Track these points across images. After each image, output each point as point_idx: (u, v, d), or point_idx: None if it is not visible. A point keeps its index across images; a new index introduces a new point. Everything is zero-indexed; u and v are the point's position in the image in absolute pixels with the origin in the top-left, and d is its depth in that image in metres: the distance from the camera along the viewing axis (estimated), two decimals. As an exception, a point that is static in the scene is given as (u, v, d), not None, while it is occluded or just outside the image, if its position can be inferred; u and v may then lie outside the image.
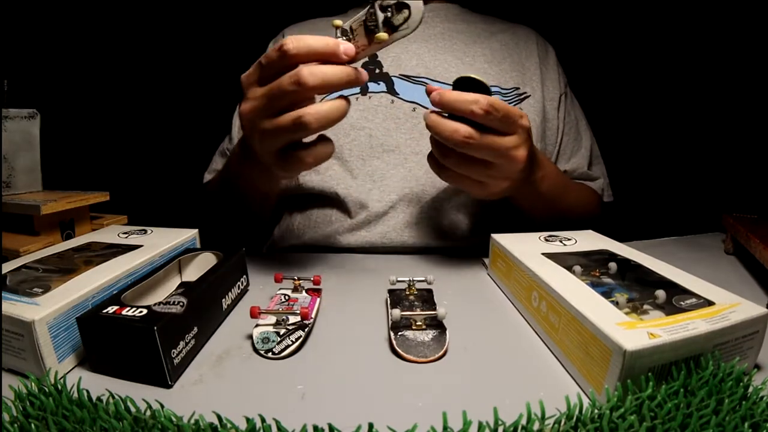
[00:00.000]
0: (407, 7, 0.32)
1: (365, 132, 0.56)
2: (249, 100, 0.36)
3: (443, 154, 0.39)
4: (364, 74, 0.35)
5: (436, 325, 0.32)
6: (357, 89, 0.57)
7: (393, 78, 0.58)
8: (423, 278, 0.38)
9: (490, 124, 0.36)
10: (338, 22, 0.34)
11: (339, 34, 0.34)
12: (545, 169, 0.48)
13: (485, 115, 0.35)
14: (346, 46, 0.33)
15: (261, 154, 0.37)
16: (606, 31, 1.01)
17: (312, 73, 0.32)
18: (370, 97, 0.57)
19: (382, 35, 0.32)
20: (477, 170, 0.39)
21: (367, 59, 0.59)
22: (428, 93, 0.37)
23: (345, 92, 0.56)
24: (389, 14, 0.32)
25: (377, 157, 0.56)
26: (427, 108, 0.56)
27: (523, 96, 0.58)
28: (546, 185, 0.48)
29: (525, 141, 0.38)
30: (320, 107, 0.33)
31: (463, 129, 0.35)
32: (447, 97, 0.36)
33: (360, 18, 0.33)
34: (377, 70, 0.58)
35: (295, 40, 0.32)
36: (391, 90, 0.57)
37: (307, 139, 0.37)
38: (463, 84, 0.37)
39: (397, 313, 0.31)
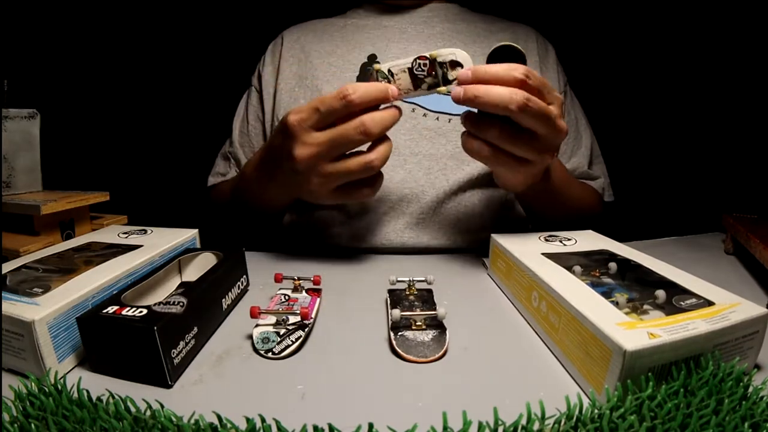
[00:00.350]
0: (460, 65, 0.37)
1: None
2: (307, 146, 0.38)
3: (486, 128, 0.36)
4: (393, 92, 0.38)
5: (436, 325, 0.32)
6: None
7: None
8: (423, 278, 0.38)
9: (529, 92, 0.34)
10: (378, 66, 0.39)
11: (378, 77, 0.39)
12: (556, 165, 0.48)
13: (525, 80, 0.33)
14: (392, 90, 0.38)
15: (318, 192, 0.41)
16: (606, 30, 1.01)
17: (374, 121, 0.36)
18: None
19: (442, 89, 0.38)
20: (523, 144, 0.36)
21: (366, 60, 0.59)
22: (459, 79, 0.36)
23: None
24: (445, 70, 0.37)
25: None
26: (425, 108, 0.56)
27: None
28: (556, 177, 0.48)
29: (561, 113, 0.37)
30: (384, 151, 0.38)
31: (520, 91, 0.33)
32: (481, 70, 0.34)
33: (404, 65, 0.38)
34: None
35: (355, 89, 0.36)
36: None
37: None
38: (498, 55, 0.37)
39: (397, 313, 0.31)
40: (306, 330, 0.31)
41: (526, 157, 0.37)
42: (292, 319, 0.33)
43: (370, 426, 0.19)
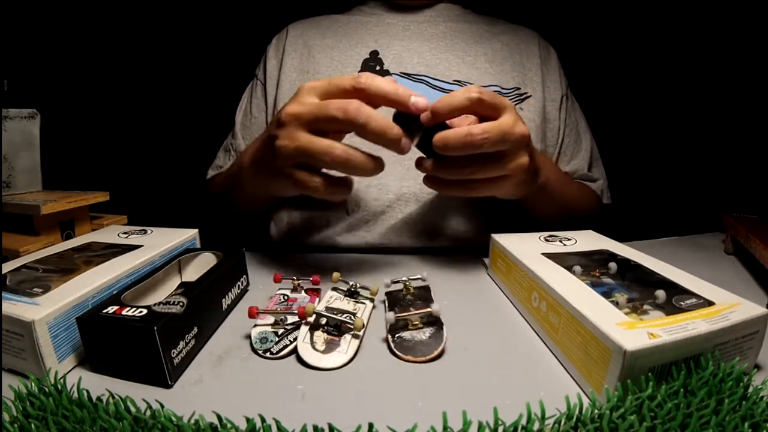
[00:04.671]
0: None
1: None
2: (299, 104, 0.35)
3: (461, 168, 0.37)
4: (406, 146, 0.35)
5: (433, 322, 0.32)
6: None
7: (393, 76, 0.58)
8: (418, 276, 0.38)
9: (484, 110, 0.35)
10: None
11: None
12: (546, 163, 0.48)
13: (480, 100, 0.34)
14: (418, 99, 0.34)
15: (278, 157, 0.36)
16: (606, 33, 1.01)
17: (359, 109, 0.33)
18: None
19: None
20: (495, 166, 0.37)
21: (368, 56, 0.59)
22: (422, 119, 0.35)
23: None
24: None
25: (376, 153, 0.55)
26: None
27: (524, 96, 0.58)
28: (551, 178, 0.48)
29: (517, 116, 0.37)
30: (356, 153, 0.34)
31: (474, 128, 0.33)
32: (438, 105, 0.34)
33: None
34: (377, 67, 0.58)
35: (370, 78, 0.34)
36: None
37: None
38: (401, 119, 0.36)
39: (391, 316, 0.31)
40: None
41: (502, 174, 0.38)
42: (291, 319, 0.33)
43: (370, 426, 0.19)
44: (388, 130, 0.34)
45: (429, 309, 0.32)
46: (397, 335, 0.31)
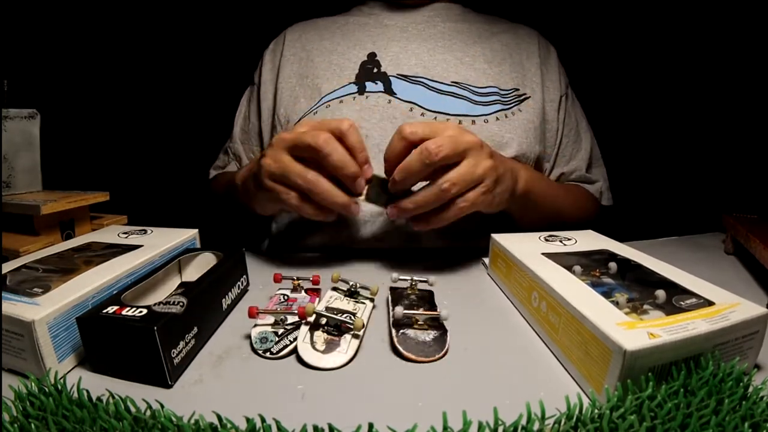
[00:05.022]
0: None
1: (361, 132, 0.55)
2: (287, 131, 0.41)
3: (444, 218, 0.40)
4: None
5: (438, 326, 0.32)
6: (355, 89, 0.57)
7: (391, 78, 0.57)
8: (425, 279, 0.38)
9: (447, 158, 0.37)
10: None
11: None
12: (524, 169, 0.48)
13: (410, 137, 0.38)
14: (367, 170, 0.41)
15: (261, 173, 0.41)
16: (607, 32, 1.01)
17: (326, 141, 0.37)
18: (367, 97, 0.57)
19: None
20: (477, 196, 0.39)
21: (365, 59, 0.59)
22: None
23: (342, 92, 0.57)
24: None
25: (373, 157, 0.55)
26: (423, 107, 0.56)
27: (522, 97, 0.58)
28: (533, 187, 0.48)
29: (460, 127, 0.40)
30: (324, 182, 0.38)
31: (441, 182, 0.37)
32: (400, 173, 0.38)
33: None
34: (375, 70, 0.58)
35: (331, 146, 0.38)
36: (389, 90, 0.57)
37: None
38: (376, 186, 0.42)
39: (399, 310, 0.31)
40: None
41: (474, 183, 0.39)
42: (291, 318, 0.33)
43: (370, 426, 0.19)
44: (346, 166, 0.38)
45: (437, 313, 0.32)
46: (401, 331, 0.31)
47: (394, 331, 0.31)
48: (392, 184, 0.40)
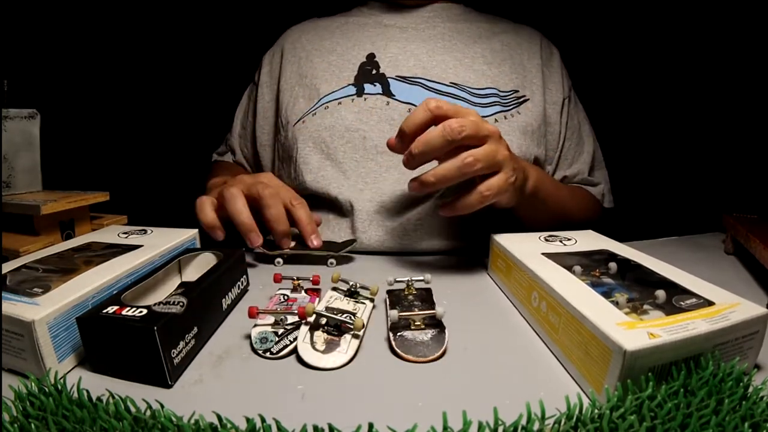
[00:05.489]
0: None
1: (359, 134, 0.55)
2: (252, 177, 0.50)
3: (467, 203, 0.40)
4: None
5: (435, 324, 0.32)
6: (353, 90, 0.57)
7: (389, 79, 0.57)
8: (421, 278, 0.38)
9: (445, 117, 0.38)
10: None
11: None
12: (534, 168, 0.48)
13: (438, 108, 0.38)
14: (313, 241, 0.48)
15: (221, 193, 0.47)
16: (609, 33, 1.01)
17: (267, 185, 0.47)
18: (365, 99, 0.57)
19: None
20: (500, 183, 0.39)
21: (364, 59, 0.59)
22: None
23: (340, 94, 0.57)
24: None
25: (371, 158, 0.55)
26: None
27: (521, 99, 0.57)
28: (541, 186, 0.48)
29: (500, 138, 0.40)
30: (244, 213, 0.45)
31: (465, 155, 0.37)
32: (419, 145, 0.38)
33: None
34: (374, 71, 0.58)
35: (275, 214, 0.46)
36: (387, 91, 0.57)
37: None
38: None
39: (394, 314, 0.31)
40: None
41: (495, 167, 0.39)
42: (291, 318, 0.33)
43: (370, 426, 0.19)
44: (276, 224, 0.46)
45: (433, 311, 0.32)
46: (399, 333, 0.31)
47: (391, 334, 0.31)
48: (408, 159, 0.39)
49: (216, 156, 0.75)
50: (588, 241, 0.41)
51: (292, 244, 0.49)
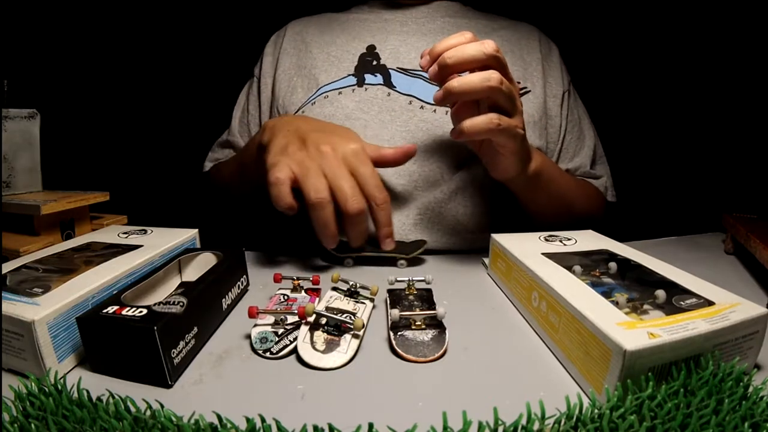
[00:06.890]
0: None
1: (360, 123, 0.55)
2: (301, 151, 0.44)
3: (476, 124, 0.39)
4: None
5: (436, 324, 0.32)
6: (354, 81, 0.57)
7: (390, 71, 0.57)
8: (422, 278, 0.38)
9: (500, 66, 0.38)
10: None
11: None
12: (538, 152, 0.48)
13: (497, 55, 0.38)
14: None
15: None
16: (609, 29, 1.01)
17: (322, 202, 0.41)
18: (366, 89, 0.56)
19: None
20: (511, 125, 0.39)
21: (364, 51, 0.59)
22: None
23: (341, 84, 0.57)
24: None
25: None
26: (422, 101, 0.56)
27: (523, 91, 0.58)
28: (543, 168, 0.48)
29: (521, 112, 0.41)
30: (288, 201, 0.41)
31: (493, 75, 0.37)
32: (453, 52, 0.37)
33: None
34: (374, 62, 0.58)
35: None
36: (388, 82, 0.57)
37: None
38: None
39: (396, 313, 0.31)
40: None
41: (512, 103, 0.40)
42: (291, 318, 0.33)
43: (370, 426, 0.19)
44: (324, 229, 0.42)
45: (434, 311, 0.32)
46: (399, 333, 0.31)
47: (392, 333, 0.31)
48: (440, 68, 0.38)
49: (210, 164, 0.70)
50: (588, 240, 0.41)
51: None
